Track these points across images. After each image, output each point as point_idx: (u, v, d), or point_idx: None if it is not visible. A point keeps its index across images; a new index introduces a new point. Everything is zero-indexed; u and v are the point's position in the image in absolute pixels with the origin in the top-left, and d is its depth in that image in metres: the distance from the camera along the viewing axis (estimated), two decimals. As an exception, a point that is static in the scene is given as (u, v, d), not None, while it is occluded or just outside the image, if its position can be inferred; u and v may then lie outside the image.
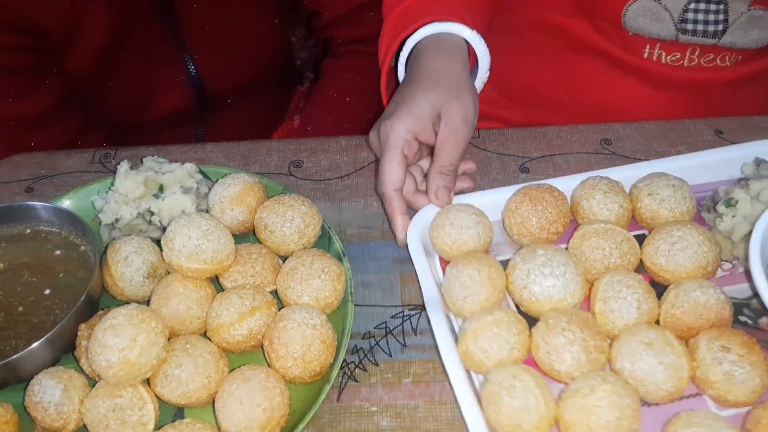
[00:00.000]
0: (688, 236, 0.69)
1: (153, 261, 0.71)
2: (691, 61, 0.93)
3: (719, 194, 0.76)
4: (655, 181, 0.75)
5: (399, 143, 0.74)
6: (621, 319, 0.65)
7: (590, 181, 0.75)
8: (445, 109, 0.75)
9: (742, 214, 0.71)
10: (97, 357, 0.59)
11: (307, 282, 0.68)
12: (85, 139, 1.06)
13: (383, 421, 0.65)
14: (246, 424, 0.59)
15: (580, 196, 0.75)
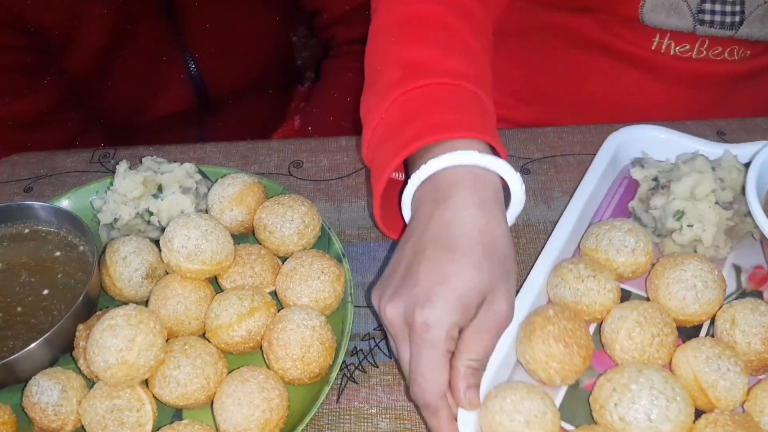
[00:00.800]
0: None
1: (151, 261, 0.71)
2: (699, 53, 0.92)
3: (636, 211, 0.76)
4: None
5: (444, 342, 0.57)
6: None
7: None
8: (492, 295, 0.59)
9: (697, 219, 0.70)
10: (95, 358, 0.59)
11: (306, 283, 0.68)
12: (84, 139, 1.06)
13: (383, 423, 0.64)
14: (245, 426, 0.59)
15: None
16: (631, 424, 0.56)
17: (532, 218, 0.81)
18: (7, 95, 0.98)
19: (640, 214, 0.75)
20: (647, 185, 0.76)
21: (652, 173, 0.76)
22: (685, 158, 0.75)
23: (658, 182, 0.75)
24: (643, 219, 0.75)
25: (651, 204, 0.73)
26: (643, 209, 0.75)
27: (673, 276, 0.66)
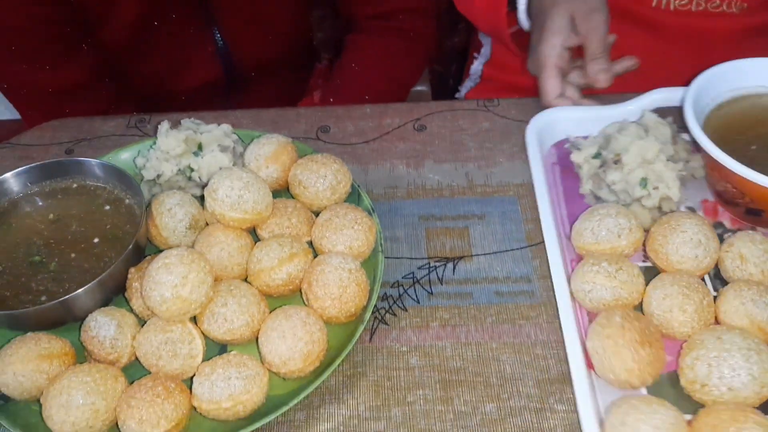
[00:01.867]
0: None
1: (194, 213, 0.76)
2: (698, 5, 0.97)
3: (594, 191, 0.79)
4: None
5: (552, 60, 0.86)
6: None
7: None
8: (575, 11, 0.86)
9: (660, 181, 0.74)
10: (152, 293, 0.64)
11: (341, 232, 0.72)
12: (117, 110, 1.11)
13: (413, 360, 0.69)
14: (288, 356, 0.64)
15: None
16: (740, 389, 0.59)
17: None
18: (46, 65, 1.03)
19: (599, 192, 0.78)
20: (590, 165, 0.79)
21: (591, 152, 0.80)
22: (615, 129, 0.79)
23: (604, 159, 0.78)
24: (603, 196, 0.78)
25: (609, 180, 0.76)
26: (598, 187, 0.78)
27: (678, 240, 0.70)
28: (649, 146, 0.75)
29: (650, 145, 0.75)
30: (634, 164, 0.75)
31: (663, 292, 0.67)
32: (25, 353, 0.64)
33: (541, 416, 0.64)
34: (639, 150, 0.75)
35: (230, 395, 0.61)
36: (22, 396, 0.65)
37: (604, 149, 0.79)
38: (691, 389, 0.62)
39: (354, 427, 0.65)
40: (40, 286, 0.71)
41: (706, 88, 0.78)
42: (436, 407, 0.66)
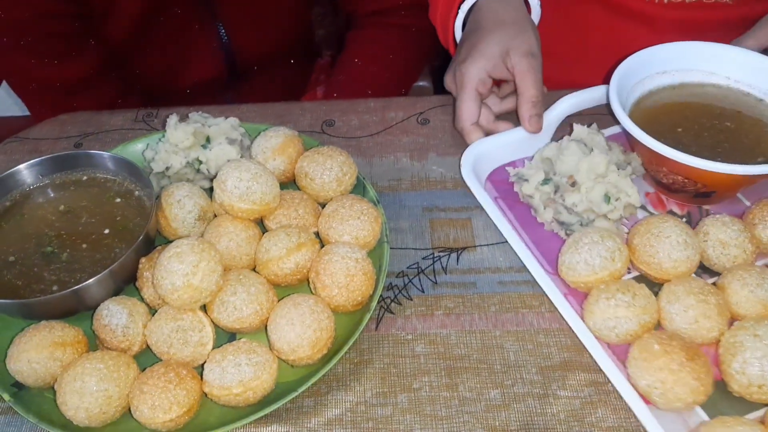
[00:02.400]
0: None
1: (203, 204, 0.77)
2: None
3: (556, 218, 0.77)
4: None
5: (473, 83, 0.85)
6: None
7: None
8: (512, 45, 0.84)
9: (619, 191, 0.75)
10: (163, 282, 0.65)
11: (347, 222, 0.74)
12: (122, 104, 1.12)
13: (418, 347, 0.71)
14: (297, 343, 0.65)
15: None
16: None
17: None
18: (53, 59, 1.04)
19: (560, 217, 0.77)
20: (541, 193, 0.78)
21: (539, 179, 0.78)
22: (554, 151, 0.78)
23: (557, 183, 0.77)
24: (566, 219, 0.76)
25: (569, 204, 0.75)
26: (557, 212, 0.77)
27: (667, 246, 0.69)
28: (598, 161, 0.75)
29: (599, 159, 0.75)
30: (590, 182, 0.75)
31: (682, 305, 0.66)
32: (39, 341, 0.66)
33: (544, 402, 0.66)
34: (590, 167, 0.75)
35: (240, 381, 0.63)
36: (36, 383, 0.66)
37: (552, 174, 0.78)
38: (747, 393, 0.63)
39: (361, 413, 0.66)
40: (52, 276, 0.72)
41: (627, 79, 0.80)
42: (441, 393, 0.67)
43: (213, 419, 0.64)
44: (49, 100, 1.09)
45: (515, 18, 0.87)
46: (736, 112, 0.80)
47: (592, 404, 0.65)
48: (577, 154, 0.76)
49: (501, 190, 0.83)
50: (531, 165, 0.81)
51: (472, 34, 0.88)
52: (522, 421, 0.65)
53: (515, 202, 0.82)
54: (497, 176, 0.85)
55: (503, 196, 0.83)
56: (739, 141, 0.77)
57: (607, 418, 0.64)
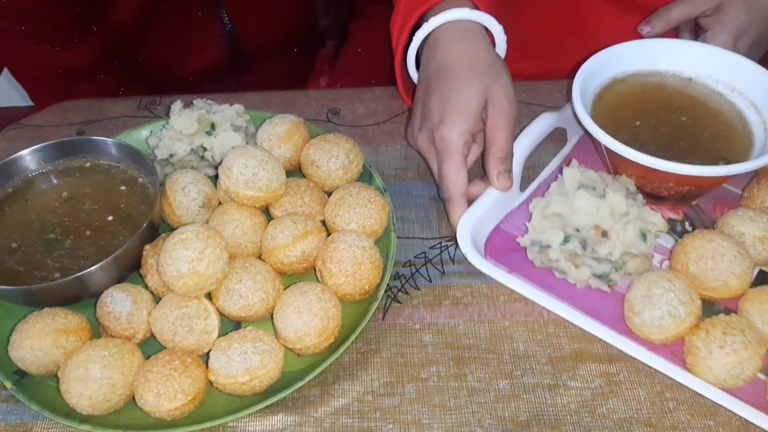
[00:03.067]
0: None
1: (207, 192, 0.76)
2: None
3: (588, 270, 0.70)
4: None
5: (459, 148, 0.73)
6: None
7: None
8: (490, 95, 0.74)
9: (649, 224, 0.70)
10: (168, 268, 0.64)
11: (354, 210, 0.73)
12: (125, 91, 1.11)
13: (426, 337, 0.70)
14: (304, 332, 0.64)
15: None
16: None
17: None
18: (56, 46, 1.03)
19: (596, 270, 0.70)
20: (566, 252, 0.70)
21: (559, 240, 0.70)
22: (559, 206, 0.71)
23: (583, 238, 0.70)
24: (603, 270, 0.70)
25: (602, 254, 0.69)
26: (586, 263, 0.70)
27: (727, 265, 0.67)
28: (617, 201, 0.69)
29: (617, 199, 0.69)
30: (618, 225, 0.69)
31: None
32: (42, 328, 0.65)
33: (554, 393, 0.65)
34: (611, 210, 0.69)
35: (246, 369, 0.62)
36: (38, 371, 0.65)
37: (570, 230, 0.70)
38: None
39: (368, 402, 0.65)
40: (55, 263, 0.71)
41: (590, 78, 0.78)
42: (449, 384, 0.66)
43: (218, 408, 0.64)
44: (51, 88, 1.08)
45: (486, 60, 0.76)
46: (693, 105, 0.79)
47: (602, 395, 0.65)
48: (590, 200, 0.69)
49: (505, 261, 0.73)
50: (537, 227, 0.71)
51: (440, 80, 0.76)
52: (532, 412, 0.64)
53: (530, 269, 0.73)
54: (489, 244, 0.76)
55: (514, 267, 0.73)
56: (695, 139, 0.76)
57: (619, 409, 0.64)
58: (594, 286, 0.71)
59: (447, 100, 0.74)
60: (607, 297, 0.70)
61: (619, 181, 0.73)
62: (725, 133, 0.77)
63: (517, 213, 0.78)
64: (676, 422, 0.62)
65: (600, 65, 0.79)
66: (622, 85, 0.81)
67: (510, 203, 0.78)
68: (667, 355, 0.65)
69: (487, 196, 0.75)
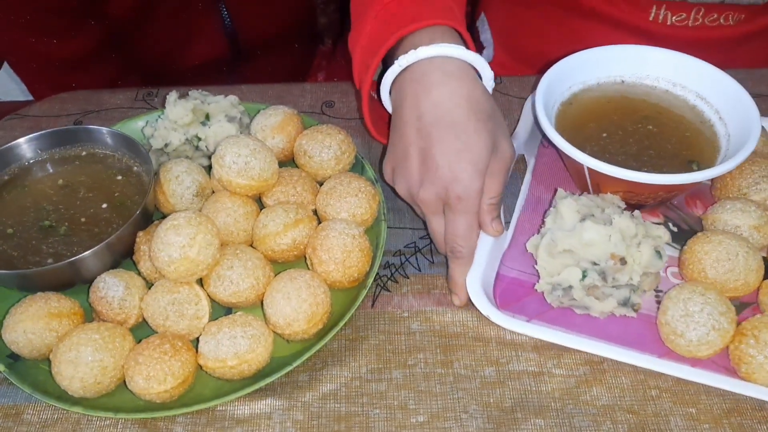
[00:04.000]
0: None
1: (201, 181, 0.77)
2: (695, 21, 0.98)
3: (604, 301, 0.68)
4: None
5: (475, 206, 0.69)
6: None
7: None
8: (495, 146, 0.69)
9: (663, 242, 0.70)
10: (160, 254, 0.65)
11: (345, 199, 0.74)
12: (123, 85, 1.12)
13: (414, 325, 0.71)
14: (293, 317, 0.65)
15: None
16: None
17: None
18: (54, 37, 1.04)
19: (612, 294, 0.68)
20: (587, 286, 0.68)
21: (578, 277, 0.68)
22: (568, 241, 0.68)
23: (602, 270, 0.67)
24: (620, 296, 0.68)
25: (623, 282, 0.67)
26: (605, 293, 0.68)
27: (743, 263, 0.67)
28: (626, 224, 0.67)
29: (626, 222, 0.68)
30: (632, 248, 0.67)
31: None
32: (35, 311, 0.66)
33: (539, 380, 0.66)
34: (622, 235, 0.67)
35: (235, 353, 0.63)
36: (31, 354, 0.66)
37: (586, 264, 0.68)
38: None
39: (356, 388, 0.66)
40: (50, 249, 0.72)
41: (549, 95, 0.77)
42: (436, 370, 0.67)
43: (208, 391, 0.65)
44: (49, 79, 1.09)
45: (489, 109, 0.70)
46: (658, 113, 0.79)
47: (587, 382, 0.65)
48: (599, 230, 0.67)
49: (518, 309, 0.70)
50: (549, 268, 0.69)
51: (445, 130, 0.68)
52: (516, 399, 0.65)
53: (547, 311, 0.70)
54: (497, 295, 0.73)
55: (529, 313, 0.70)
56: (663, 146, 0.76)
57: (602, 396, 0.64)
58: (619, 314, 0.69)
59: (460, 155, 0.67)
60: (633, 321, 0.69)
61: (606, 199, 0.72)
62: (690, 138, 0.77)
63: (510, 254, 0.75)
64: (658, 409, 0.63)
65: (559, 78, 0.79)
66: (585, 97, 0.81)
67: (501, 246, 0.75)
68: (715, 367, 0.65)
69: (483, 245, 0.72)
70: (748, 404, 0.63)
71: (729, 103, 0.77)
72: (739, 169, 0.75)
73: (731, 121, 0.76)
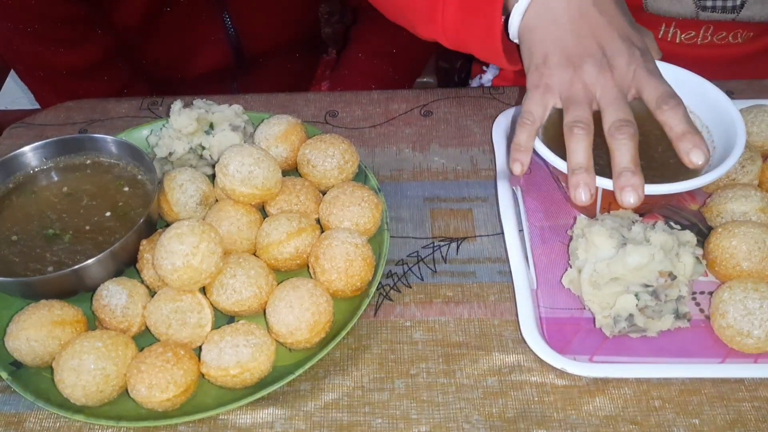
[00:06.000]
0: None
1: (204, 189, 0.77)
2: (704, 38, 0.98)
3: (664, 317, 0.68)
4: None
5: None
6: None
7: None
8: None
9: (694, 247, 0.70)
10: (163, 262, 0.65)
11: (348, 208, 0.74)
12: (129, 92, 1.13)
13: (416, 334, 0.71)
14: (296, 326, 0.65)
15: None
16: None
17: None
18: (61, 46, 1.05)
19: (661, 309, 0.67)
20: (641, 306, 0.67)
21: (633, 302, 0.67)
22: (615, 263, 0.67)
23: (655, 290, 0.67)
24: (671, 308, 0.68)
25: (673, 297, 0.67)
26: (658, 311, 0.67)
27: (766, 245, 0.68)
28: (665, 239, 0.68)
29: (664, 237, 0.68)
30: (676, 262, 0.68)
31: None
32: (38, 319, 0.66)
33: (541, 390, 0.66)
34: (665, 251, 0.67)
35: (238, 362, 0.63)
36: (34, 362, 0.67)
37: (636, 287, 0.67)
38: None
39: (358, 397, 0.66)
40: (54, 257, 0.72)
41: None
42: (438, 380, 0.67)
43: (210, 400, 0.65)
44: (55, 87, 1.09)
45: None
46: (642, 122, 0.75)
47: (589, 393, 0.65)
48: (642, 252, 0.66)
49: (572, 351, 0.68)
50: (598, 301, 0.68)
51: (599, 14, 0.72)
52: (519, 409, 0.65)
53: (600, 343, 0.68)
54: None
55: (583, 351, 0.68)
56: (651, 155, 0.75)
57: (605, 407, 0.64)
58: (674, 327, 0.68)
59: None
60: (684, 330, 0.68)
61: (620, 215, 0.72)
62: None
63: (542, 295, 0.73)
64: (661, 420, 0.63)
65: None
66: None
67: (531, 288, 0.73)
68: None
69: (521, 291, 0.71)
70: (752, 415, 0.63)
71: (713, 110, 0.78)
72: None
73: (716, 129, 0.77)
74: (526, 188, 0.83)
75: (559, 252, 0.76)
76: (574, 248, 0.72)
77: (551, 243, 0.77)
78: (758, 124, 0.81)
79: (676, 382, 0.65)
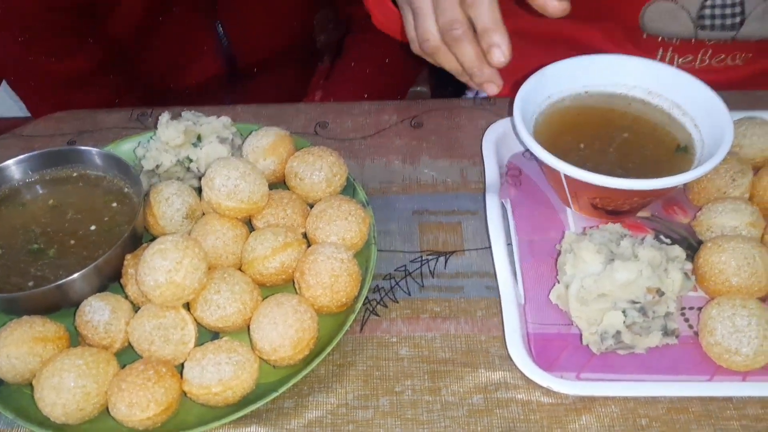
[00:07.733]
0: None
1: (191, 203, 0.77)
2: (702, 62, 0.97)
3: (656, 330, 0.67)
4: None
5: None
6: None
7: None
8: None
9: (685, 263, 0.71)
10: (146, 278, 0.65)
11: (335, 223, 0.73)
12: (121, 102, 1.12)
13: (402, 350, 0.70)
14: (279, 343, 0.65)
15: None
16: None
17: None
18: (53, 55, 1.05)
19: (649, 326, 0.67)
20: (628, 323, 0.66)
21: (620, 319, 0.66)
22: (603, 280, 0.67)
23: (643, 306, 0.67)
24: (662, 325, 0.67)
25: (661, 313, 0.67)
26: (646, 327, 0.67)
27: (759, 264, 0.68)
28: (653, 254, 0.67)
29: (652, 252, 0.67)
30: (664, 277, 0.67)
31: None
32: (19, 336, 0.65)
33: (527, 408, 0.65)
34: (653, 268, 0.66)
35: (220, 380, 0.62)
36: (14, 379, 0.66)
37: (623, 303, 0.67)
38: None
39: (342, 415, 0.65)
40: (38, 272, 0.72)
41: (530, 99, 0.78)
42: (423, 397, 0.66)
43: (192, 418, 0.64)
44: (47, 96, 1.09)
45: None
46: (633, 121, 0.78)
47: (576, 411, 0.64)
48: (630, 268, 0.66)
49: (559, 367, 0.67)
50: (585, 317, 0.67)
51: None
52: (504, 427, 0.64)
53: (588, 361, 0.68)
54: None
55: (570, 367, 0.67)
56: (642, 153, 0.76)
57: (591, 426, 0.63)
58: (662, 344, 0.67)
59: None
60: (672, 347, 0.68)
61: (609, 229, 0.72)
62: (667, 144, 0.78)
63: (530, 310, 0.72)
64: (648, 440, 0.62)
65: (536, 89, 0.79)
66: (562, 107, 0.81)
67: (519, 304, 0.72)
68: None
69: (507, 304, 0.70)
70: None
71: (703, 109, 0.78)
72: (714, 170, 0.74)
73: (705, 128, 0.77)
74: (515, 201, 0.82)
75: (547, 266, 0.76)
76: (563, 263, 0.71)
77: (540, 257, 0.77)
78: (749, 136, 0.81)
79: (664, 401, 0.65)
